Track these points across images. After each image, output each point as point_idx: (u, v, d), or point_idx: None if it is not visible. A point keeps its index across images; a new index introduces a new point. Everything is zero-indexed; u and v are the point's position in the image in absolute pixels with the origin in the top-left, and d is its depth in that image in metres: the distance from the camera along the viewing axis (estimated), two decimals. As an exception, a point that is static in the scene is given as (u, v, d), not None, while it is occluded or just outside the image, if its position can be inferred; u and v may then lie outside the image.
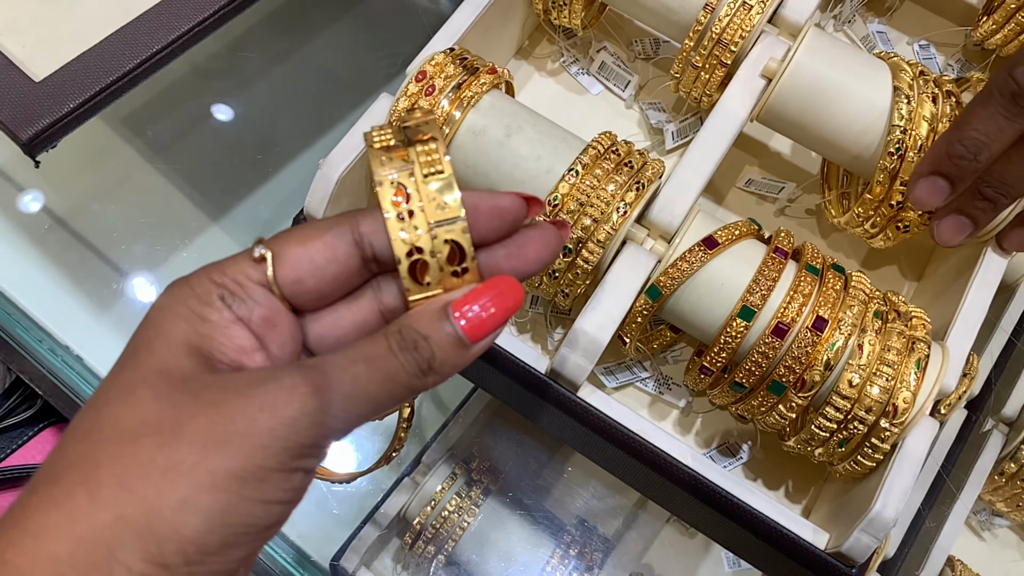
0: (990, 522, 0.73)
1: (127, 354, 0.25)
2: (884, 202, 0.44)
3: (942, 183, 0.39)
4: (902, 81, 0.43)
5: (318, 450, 0.24)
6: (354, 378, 0.24)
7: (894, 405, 0.39)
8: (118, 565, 0.21)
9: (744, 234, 0.42)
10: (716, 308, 0.41)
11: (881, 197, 0.44)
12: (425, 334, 0.25)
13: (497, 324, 0.26)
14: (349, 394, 0.24)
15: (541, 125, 0.44)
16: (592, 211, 0.41)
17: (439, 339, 0.25)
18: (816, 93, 0.45)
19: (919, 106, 0.42)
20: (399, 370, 0.25)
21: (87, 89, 0.51)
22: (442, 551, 0.61)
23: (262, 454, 0.22)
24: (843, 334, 0.40)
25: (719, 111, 0.45)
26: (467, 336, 0.25)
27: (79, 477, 0.22)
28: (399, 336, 0.25)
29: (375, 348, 0.25)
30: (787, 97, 0.45)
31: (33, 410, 0.66)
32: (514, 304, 0.26)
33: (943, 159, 0.38)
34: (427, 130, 0.26)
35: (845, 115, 0.44)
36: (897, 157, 0.42)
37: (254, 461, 0.22)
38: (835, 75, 0.45)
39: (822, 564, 0.41)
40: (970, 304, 0.43)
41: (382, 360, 0.25)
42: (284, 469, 0.23)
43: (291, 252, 0.26)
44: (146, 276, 0.66)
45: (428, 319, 0.25)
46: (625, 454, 0.43)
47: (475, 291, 0.26)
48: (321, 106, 0.72)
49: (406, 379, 0.25)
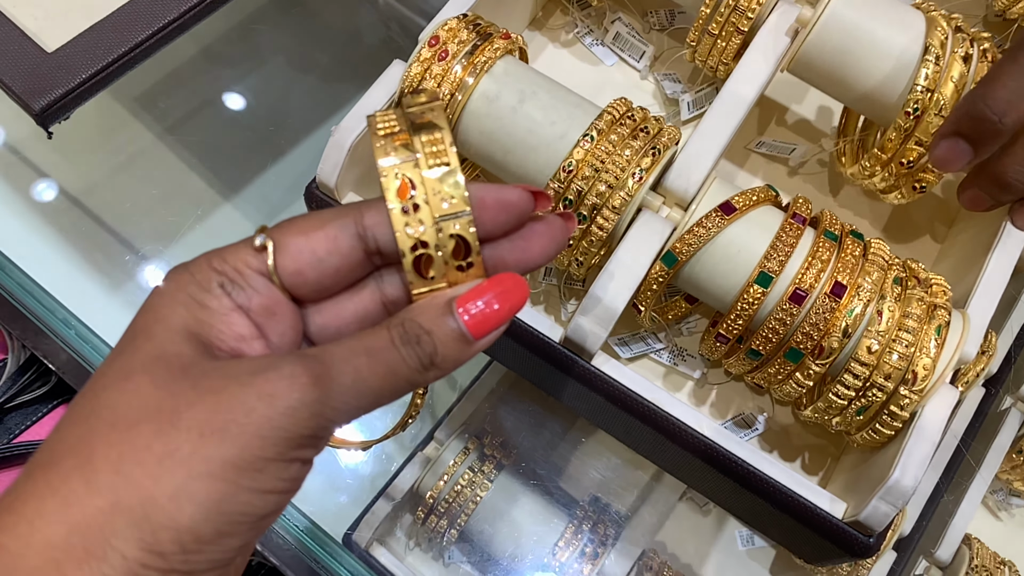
0: (1007, 501, 0.73)
1: (126, 339, 0.25)
2: (894, 159, 0.43)
3: (964, 145, 0.38)
4: (935, 38, 0.42)
5: (316, 441, 0.24)
6: (355, 370, 0.24)
7: (913, 372, 0.39)
8: (112, 551, 0.21)
9: (761, 200, 0.42)
10: (733, 275, 0.41)
11: (891, 154, 0.43)
12: (428, 328, 0.25)
13: (501, 321, 0.25)
14: (350, 386, 0.24)
15: (556, 91, 0.43)
16: (607, 177, 0.41)
17: (442, 334, 0.25)
18: (849, 42, 0.44)
19: (948, 67, 0.41)
20: (400, 364, 0.25)
21: (99, 60, 0.51)
22: (455, 525, 0.61)
23: (260, 444, 0.22)
24: (862, 300, 0.39)
25: (737, 77, 0.45)
26: (470, 332, 0.25)
27: (75, 462, 0.22)
28: (401, 329, 0.25)
29: (377, 340, 0.25)
30: (819, 46, 0.44)
31: (47, 387, 0.66)
32: (519, 302, 0.26)
33: (966, 120, 0.37)
34: (432, 117, 0.26)
35: (875, 66, 0.43)
36: (913, 117, 0.41)
37: (251, 451, 0.22)
38: (870, 24, 0.43)
39: (839, 533, 0.41)
40: (992, 271, 0.43)
41: (384, 353, 0.24)
42: (282, 459, 0.23)
43: (292, 243, 0.25)
44: (158, 253, 0.67)
45: (432, 313, 0.25)
46: (641, 424, 0.43)
47: (480, 287, 0.25)
48: (333, 81, 0.72)
49: (407, 373, 0.25)
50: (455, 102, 0.43)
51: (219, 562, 0.22)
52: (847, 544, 0.41)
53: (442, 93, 0.42)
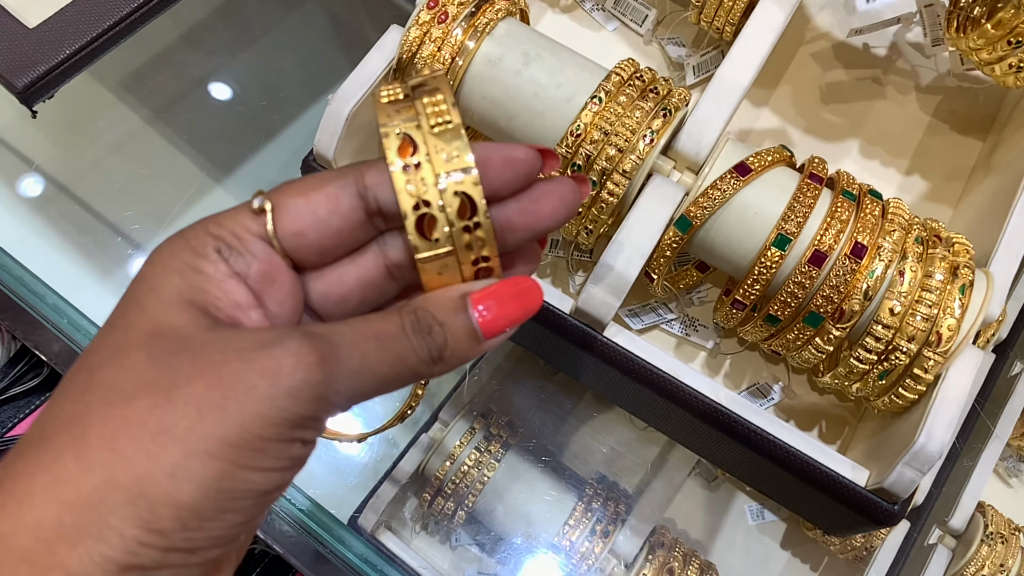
0: (1017, 468, 0.72)
1: (118, 312, 0.23)
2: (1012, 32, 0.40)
3: None
4: None
5: (317, 423, 0.23)
6: (363, 354, 0.23)
7: (938, 333, 0.38)
8: (109, 530, 0.20)
9: (776, 161, 0.40)
10: (749, 238, 0.40)
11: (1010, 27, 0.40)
12: (441, 320, 0.24)
13: (513, 323, 0.25)
14: (356, 370, 0.23)
15: (561, 52, 0.42)
16: (617, 140, 0.39)
17: (454, 327, 0.24)
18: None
19: None
20: (410, 352, 0.24)
21: (83, 34, 0.49)
22: (463, 507, 0.60)
23: (259, 423, 0.21)
24: (883, 261, 0.38)
25: (747, 34, 0.43)
26: (482, 330, 0.25)
27: (67, 439, 0.21)
28: (414, 317, 0.24)
29: (388, 326, 0.24)
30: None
31: (39, 379, 0.65)
32: (533, 305, 0.25)
33: None
34: (434, 83, 0.25)
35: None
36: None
37: (250, 430, 0.21)
38: None
39: (863, 501, 0.40)
40: (1014, 227, 0.41)
41: (393, 340, 0.24)
42: (282, 439, 0.22)
43: (292, 203, 0.24)
44: (150, 237, 0.65)
45: (446, 306, 0.25)
46: (655, 395, 0.42)
47: (496, 286, 0.25)
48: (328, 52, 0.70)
49: (415, 363, 0.24)
50: (456, 67, 0.41)
51: (222, 539, 0.22)
52: (871, 512, 0.40)
53: (442, 57, 0.41)
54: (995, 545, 0.60)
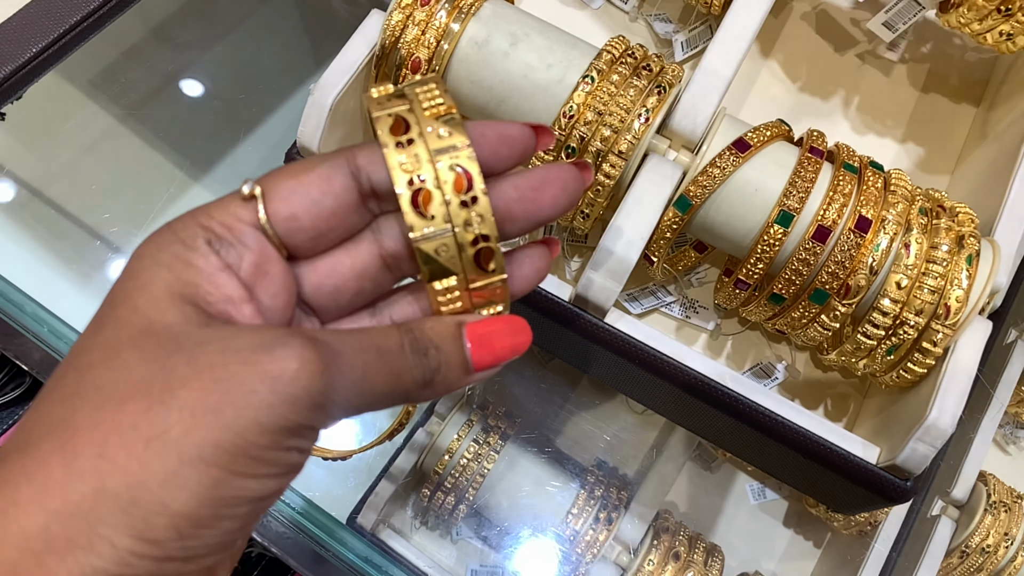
0: (1015, 435, 0.72)
1: (106, 309, 0.22)
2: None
3: None
4: None
5: (313, 432, 0.22)
6: (365, 365, 0.23)
7: (946, 305, 0.37)
8: (100, 540, 0.19)
9: (775, 135, 0.39)
10: (751, 216, 0.39)
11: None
12: (438, 344, 0.24)
13: (503, 359, 0.25)
14: (356, 382, 0.22)
15: (549, 32, 0.40)
16: (611, 120, 0.38)
17: (448, 354, 0.24)
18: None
19: None
20: (406, 371, 0.23)
21: (49, 32, 0.47)
22: (463, 501, 0.59)
23: (256, 430, 0.20)
24: (888, 234, 0.37)
25: (738, 5, 0.42)
26: (473, 361, 0.24)
27: (54, 445, 0.20)
28: (412, 337, 0.24)
29: (388, 341, 0.23)
30: None
31: (21, 389, 0.63)
32: (522, 345, 0.25)
33: None
34: (426, 79, 0.25)
35: None
36: None
37: (246, 437, 0.20)
38: None
39: (875, 479, 0.39)
40: (1016, 195, 0.41)
41: (393, 356, 0.23)
42: (278, 448, 0.21)
43: (284, 185, 0.23)
44: (129, 239, 0.63)
45: (443, 331, 0.24)
46: (660, 380, 0.41)
47: (491, 320, 0.25)
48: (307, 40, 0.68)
49: (409, 382, 0.24)
50: (441, 51, 0.40)
51: (219, 546, 0.21)
52: (883, 489, 0.39)
53: (427, 41, 0.39)
54: (999, 514, 0.60)
